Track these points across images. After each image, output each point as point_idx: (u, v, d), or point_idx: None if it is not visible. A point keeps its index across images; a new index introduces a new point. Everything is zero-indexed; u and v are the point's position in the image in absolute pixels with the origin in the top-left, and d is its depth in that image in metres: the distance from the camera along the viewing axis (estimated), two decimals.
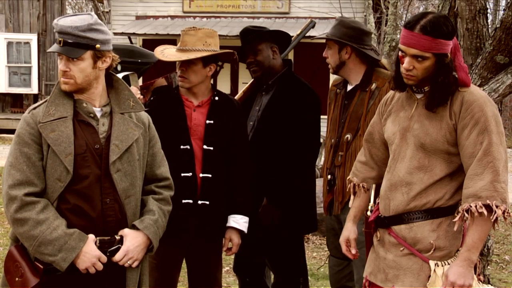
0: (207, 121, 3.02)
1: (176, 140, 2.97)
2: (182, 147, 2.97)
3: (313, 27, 3.95)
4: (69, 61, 2.31)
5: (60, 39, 2.29)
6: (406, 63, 2.30)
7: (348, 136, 3.20)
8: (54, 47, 2.32)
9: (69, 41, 2.29)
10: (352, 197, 2.72)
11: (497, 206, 2.14)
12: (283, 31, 3.48)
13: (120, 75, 2.98)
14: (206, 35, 2.97)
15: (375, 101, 3.14)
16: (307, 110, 3.35)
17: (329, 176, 3.29)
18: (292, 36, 3.69)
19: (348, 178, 2.76)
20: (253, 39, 3.34)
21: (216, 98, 3.08)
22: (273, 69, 3.41)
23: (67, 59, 2.31)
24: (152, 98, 3.10)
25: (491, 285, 3.27)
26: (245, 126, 3.21)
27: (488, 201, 2.14)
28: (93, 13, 2.40)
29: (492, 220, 2.15)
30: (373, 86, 3.18)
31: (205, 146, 2.99)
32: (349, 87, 3.30)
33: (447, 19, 2.30)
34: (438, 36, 2.23)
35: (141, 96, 3.06)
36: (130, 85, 3.15)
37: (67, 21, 2.30)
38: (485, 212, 2.14)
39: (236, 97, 3.52)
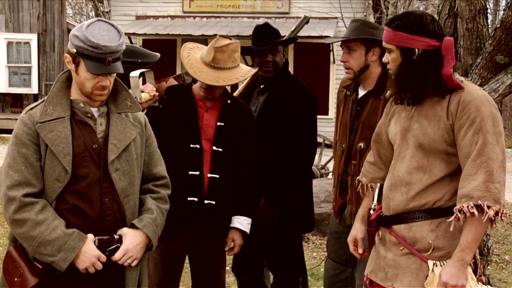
0: (218, 123, 3.04)
1: (187, 138, 2.99)
2: (192, 145, 2.99)
3: (307, 22, 3.95)
4: (111, 75, 2.33)
5: (109, 58, 2.26)
6: (385, 56, 2.41)
7: (362, 144, 3.06)
8: (100, 69, 2.27)
9: (116, 57, 2.29)
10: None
11: (489, 207, 2.12)
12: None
13: (136, 72, 3.01)
14: (234, 51, 2.97)
15: None
16: (303, 113, 3.34)
17: (342, 184, 3.17)
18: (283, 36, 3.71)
19: (357, 178, 2.76)
20: (277, 40, 3.37)
21: (229, 101, 3.11)
22: (280, 70, 3.44)
23: (110, 74, 2.32)
24: (165, 97, 3.12)
25: (491, 285, 3.27)
26: (254, 130, 3.19)
27: (479, 202, 2.13)
28: (102, 17, 2.40)
29: (484, 221, 2.13)
30: (388, 93, 2.99)
31: (214, 147, 3.01)
32: (361, 92, 3.14)
33: (426, 18, 2.29)
34: (396, 28, 2.29)
35: (157, 93, 3.08)
36: (145, 82, 3.16)
37: (105, 39, 2.26)
38: (476, 213, 2.12)
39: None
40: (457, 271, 2.18)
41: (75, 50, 2.28)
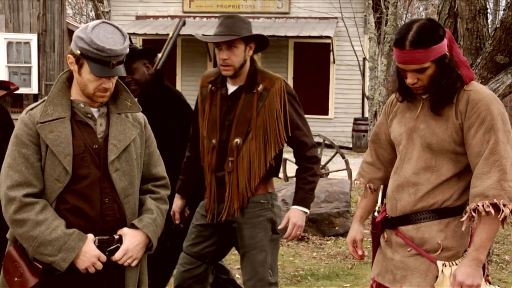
0: None
1: None
2: None
3: (183, 25, 3.94)
4: (113, 77, 2.33)
5: (113, 61, 2.26)
6: (409, 78, 2.29)
7: (238, 140, 3.05)
8: (104, 71, 2.27)
9: (120, 60, 2.30)
10: (359, 198, 2.72)
11: (504, 205, 2.12)
12: (152, 48, 3.57)
13: None
14: None
15: (265, 103, 3.03)
16: (173, 116, 3.48)
17: (217, 181, 3.13)
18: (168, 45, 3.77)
19: (354, 179, 2.75)
20: (127, 59, 3.42)
21: None
22: (148, 84, 3.51)
23: (113, 77, 2.33)
24: None
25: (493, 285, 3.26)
26: None
27: (495, 200, 2.13)
28: (102, 18, 2.39)
29: (500, 219, 2.14)
30: (260, 87, 3.05)
31: None
32: (231, 88, 3.12)
33: (432, 22, 2.28)
34: (430, 44, 2.22)
35: None
36: None
37: (110, 42, 2.26)
38: (492, 211, 2.13)
39: None
40: (473, 270, 2.17)
41: (79, 52, 2.27)
